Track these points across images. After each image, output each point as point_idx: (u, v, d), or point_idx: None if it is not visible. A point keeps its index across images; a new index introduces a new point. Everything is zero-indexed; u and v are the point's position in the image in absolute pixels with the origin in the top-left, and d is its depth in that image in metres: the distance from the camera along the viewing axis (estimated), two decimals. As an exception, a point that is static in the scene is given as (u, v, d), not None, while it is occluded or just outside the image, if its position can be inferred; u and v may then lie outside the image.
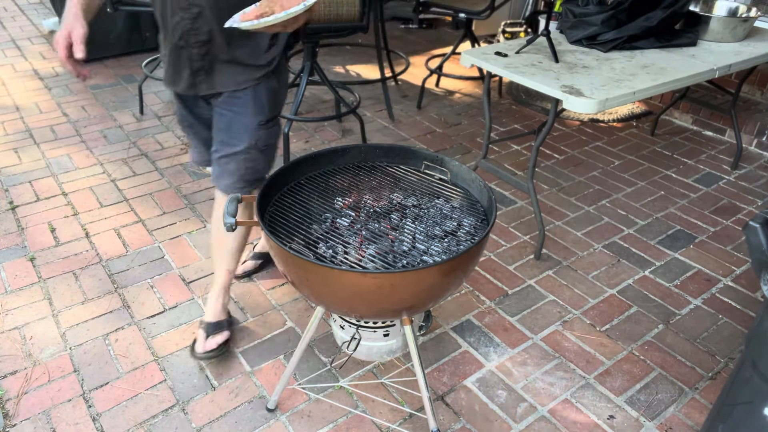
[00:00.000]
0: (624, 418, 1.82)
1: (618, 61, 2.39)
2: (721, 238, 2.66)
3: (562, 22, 2.69)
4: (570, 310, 2.23)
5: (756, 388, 1.35)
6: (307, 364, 1.97)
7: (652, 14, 2.51)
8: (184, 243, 2.52)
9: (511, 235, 2.65)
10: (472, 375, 1.95)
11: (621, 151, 3.41)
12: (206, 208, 2.76)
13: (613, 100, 2.06)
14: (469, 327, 2.14)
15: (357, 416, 1.80)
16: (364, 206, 1.59)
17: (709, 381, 1.95)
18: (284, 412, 1.80)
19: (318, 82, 3.47)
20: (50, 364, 1.93)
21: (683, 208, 2.89)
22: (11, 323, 2.09)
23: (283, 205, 1.57)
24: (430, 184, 1.68)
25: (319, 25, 2.83)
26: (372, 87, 4.17)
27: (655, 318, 2.20)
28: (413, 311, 1.45)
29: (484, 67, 2.36)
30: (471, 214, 1.56)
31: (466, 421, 1.79)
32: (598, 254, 2.54)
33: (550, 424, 1.79)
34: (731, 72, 2.47)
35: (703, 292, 2.34)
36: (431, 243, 1.45)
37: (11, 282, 2.27)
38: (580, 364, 2.00)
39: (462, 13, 3.66)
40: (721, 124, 3.58)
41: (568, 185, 3.05)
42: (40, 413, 1.77)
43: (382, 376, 1.94)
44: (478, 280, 2.37)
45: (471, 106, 3.95)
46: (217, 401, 1.83)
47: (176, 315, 2.15)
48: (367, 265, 1.37)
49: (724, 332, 2.15)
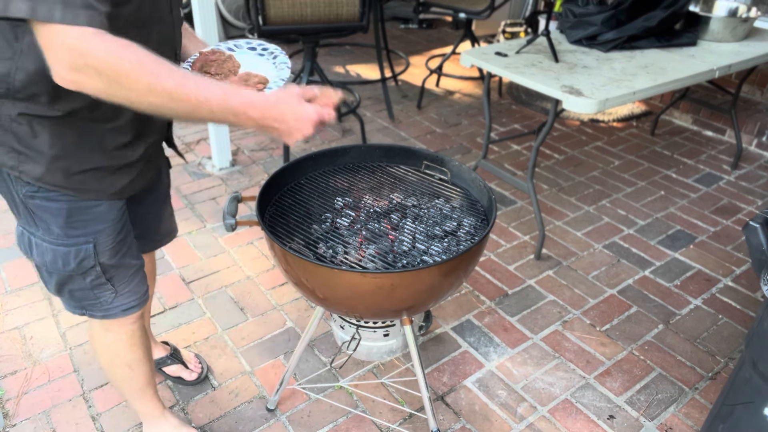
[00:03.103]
0: (624, 418, 1.81)
1: (618, 61, 2.39)
2: (721, 238, 2.66)
3: (562, 22, 2.69)
4: (570, 310, 2.23)
5: (756, 388, 1.35)
6: (307, 364, 1.97)
7: (652, 14, 2.51)
8: (184, 243, 2.52)
9: (511, 235, 2.65)
10: (472, 375, 1.95)
11: (621, 151, 3.41)
12: (206, 208, 2.76)
13: (613, 100, 2.06)
14: (469, 327, 2.14)
15: (357, 416, 1.80)
16: (364, 206, 1.59)
17: (709, 381, 1.95)
18: (284, 412, 1.80)
19: (318, 82, 3.47)
20: (50, 364, 1.93)
21: (683, 208, 2.89)
22: (11, 323, 2.09)
23: (283, 205, 1.57)
24: (430, 184, 1.68)
25: (319, 25, 2.83)
26: (372, 87, 4.17)
27: (655, 318, 2.20)
28: (413, 311, 1.45)
29: (484, 67, 2.36)
30: (471, 214, 1.56)
31: (466, 421, 1.79)
32: (598, 254, 2.54)
33: (550, 424, 1.79)
34: (731, 72, 2.47)
35: (703, 292, 2.34)
36: (431, 243, 1.45)
37: (11, 282, 2.27)
38: (580, 364, 2.00)
39: (462, 13, 3.66)
40: (721, 124, 3.58)
41: (568, 185, 3.05)
42: (40, 413, 1.77)
43: (382, 376, 1.94)
44: (478, 280, 2.37)
45: (471, 106, 3.95)
46: (217, 401, 1.83)
47: (176, 315, 2.15)
48: (367, 265, 1.36)
49: (724, 332, 2.14)
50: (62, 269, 1.25)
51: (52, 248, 1.22)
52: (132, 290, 1.38)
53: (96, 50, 0.89)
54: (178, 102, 0.97)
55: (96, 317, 1.37)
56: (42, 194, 1.15)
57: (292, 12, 2.75)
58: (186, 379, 1.88)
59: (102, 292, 1.33)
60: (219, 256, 2.46)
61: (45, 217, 1.19)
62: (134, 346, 1.47)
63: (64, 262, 1.24)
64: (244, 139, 3.40)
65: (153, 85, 0.94)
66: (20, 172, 1.12)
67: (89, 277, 1.29)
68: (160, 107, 0.97)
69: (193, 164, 3.12)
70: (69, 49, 0.89)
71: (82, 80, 0.91)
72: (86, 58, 0.89)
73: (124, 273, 1.35)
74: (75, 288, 1.31)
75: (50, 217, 1.19)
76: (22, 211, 1.20)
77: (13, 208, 1.22)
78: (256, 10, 2.71)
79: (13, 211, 1.23)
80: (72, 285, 1.30)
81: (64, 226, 1.20)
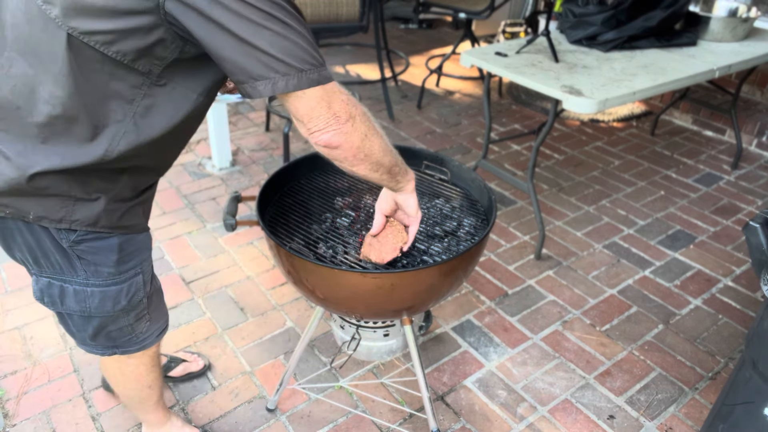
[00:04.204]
0: (624, 418, 1.81)
1: (618, 61, 2.39)
2: (721, 238, 2.66)
3: (562, 22, 2.69)
4: (570, 310, 2.23)
5: (756, 388, 1.35)
6: (307, 364, 1.97)
7: (652, 14, 2.51)
8: (184, 243, 2.52)
9: (511, 235, 2.65)
10: (472, 375, 1.95)
11: (621, 151, 3.41)
12: (206, 208, 2.76)
13: (613, 100, 2.06)
14: (469, 327, 2.14)
15: (357, 416, 1.80)
16: (364, 206, 1.59)
17: (709, 381, 1.95)
18: (284, 412, 1.80)
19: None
20: (50, 364, 1.93)
21: (683, 208, 2.89)
22: (11, 323, 2.09)
23: (283, 206, 1.57)
24: (430, 184, 1.68)
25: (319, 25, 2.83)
26: (372, 87, 4.17)
27: (655, 318, 2.20)
28: (413, 311, 1.45)
29: (484, 67, 2.35)
30: (471, 214, 1.56)
31: (466, 421, 1.79)
32: (598, 254, 2.54)
33: (550, 424, 1.79)
34: (731, 72, 2.47)
35: (703, 292, 2.34)
36: (431, 243, 1.45)
37: (11, 282, 2.27)
38: (580, 364, 2.00)
39: (462, 13, 3.67)
40: (721, 124, 3.58)
41: (568, 185, 3.05)
42: (40, 413, 1.77)
43: (382, 376, 1.94)
44: (478, 280, 2.37)
45: (471, 106, 3.95)
46: (217, 401, 1.83)
47: (176, 315, 2.15)
48: (367, 265, 1.36)
49: (724, 332, 2.14)
50: (111, 310, 1.20)
51: (101, 291, 1.16)
52: (162, 312, 1.36)
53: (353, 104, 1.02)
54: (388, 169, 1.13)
55: (130, 352, 1.33)
56: (92, 236, 1.10)
57: (292, 12, 2.74)
58: (195, 371, 1.89)
59: (139, 324, 1.29)
60: (219, 256, 2.46)
61: (95, 260, 1.13)
62: (155, 366, 1.44)
63: (114, 302, 1.19)
64: (244, 139, 3.40)
65: (382, 144, 1.09)
66: (71, 222, 1.06)
67: (135, 312, 1.25)
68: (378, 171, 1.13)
69: (193, 164, 3.12)
70: (344, 102, 0.98)
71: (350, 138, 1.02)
72: (351, 109, 1.00)
73: (157, 297, 1.32)
74: (114, 328, 1.25)
75: (102, 258, 1.14)
76: (57, 259, 1.12)
77: (38, 258, 1.13)
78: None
79: (36, 263, 1.14)
80: (113, 325, 1.24)
81: (116, 263, 1.16)
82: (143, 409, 1.55)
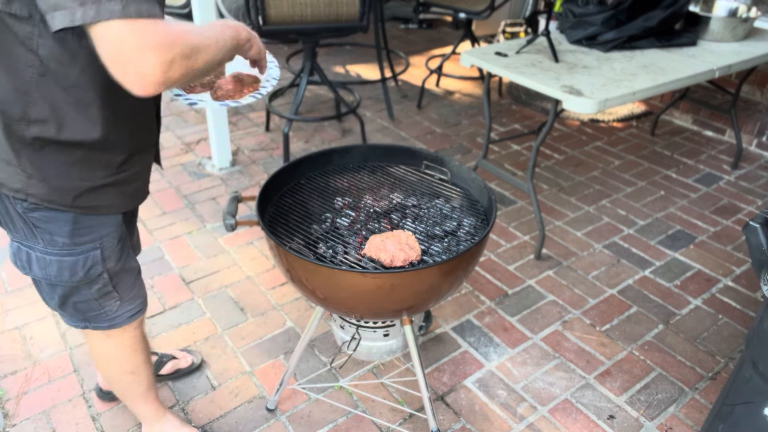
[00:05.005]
0: (624, 418, 1.81)
1: (618, 61, 2.39)
2: (721, 238, 2.66)
3: (562, 22, 2.69)
4: (570, 310, 2.23)
5: (756, 388, 1.35)
6: (307, 364, 1.97)
7: (652, 14, 2.51)
8: (184, 243, 2.52)
9: (511, 235, 2.65)
10: (472, 375, 1.95)
11: (621, 151, 3.41)
12: (206, 208, 2.76)
13: (613, 100, 2.06)
14: (469, 327, 2.14)
15: (357, 416, 1.80)
16: (364, 206, 1.59)
17: (709, 381, 1.95)
18: (284, 412, 1.80)
19: (318, 82, 3.47)
20: (50, 364, 1.93)
21: (683, 208, 2.88)
22: (11, 323, 2.09)
23: (283, 205, 1.57)
24: (430, 184, 1.68)
25: (319, 25, 2.83)
26: (372, 87, 4.17)
27: (655, 318, 2.20)
28: (413, 311, 1.45)
29: (484, 67, 2.35)
30: (471, 214, 1.56)
31: (466, 421, 1.79)
32: (598, 254, 2.54)
33: (550, 424, 1.79)
34: (731, 72, 2.47)
35: (703, 292, 2.34)
36: (431, 243, 1.45)
37: (11, 282, 2.27)
38: (580, 364, 2.00)
39: (462, 13, 3.67)
40: (721, 124, 3.58)
41: (568, 185, 3.05)
42: (40, 413, 1.77)
43: (382, 376, 1.94)
44: (478, 280, 2.37)
45: (471, 106, 3.95)
46: (217, 401, 1.83)
47: (176, 315, 2.15)
48: (367, 265, 1.36)
49: (724, 332, 2.14)
50: (69, 280, 1.21)
51: (57, 260, 1.18)
52: (135, 295, 1.37)
53: (179, 37, 0.86)
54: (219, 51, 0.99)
55: (101, 328, 1.35)
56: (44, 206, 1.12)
57: (292, 12, 2.75)
58: (183, 368, 1.88)
59: (107, 301, 1.30)
60: (219, 256, 2.46)
61: (49, 228, 1.15)
62: (137, 351, 1.45)
63: (71, 273, 1.20)
64: (244, 139, 3.40)
65: (211, 45, 0.95)
66: (27, 194, 1.09)
67: (96, 286, 1.26)
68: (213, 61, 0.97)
69: (193, 164, 3.12)
70: (159, 45, 0.82)
71: (173, 73, 0.86)
72: (174, 48, 0.84)
73: (127, 278, 1.33)
74: (80, 300, 1.27)
75: (55, 228, 1.15)
76: (20, 225, 1.15)
77: (7, 223, 1.17)
78: (256, 10, 2.71)
79: (6, 226, 1.18)
80: (77, 296, 1.26)
81: (70, 235, 1.17)
82: (131, 398, 1.56)
